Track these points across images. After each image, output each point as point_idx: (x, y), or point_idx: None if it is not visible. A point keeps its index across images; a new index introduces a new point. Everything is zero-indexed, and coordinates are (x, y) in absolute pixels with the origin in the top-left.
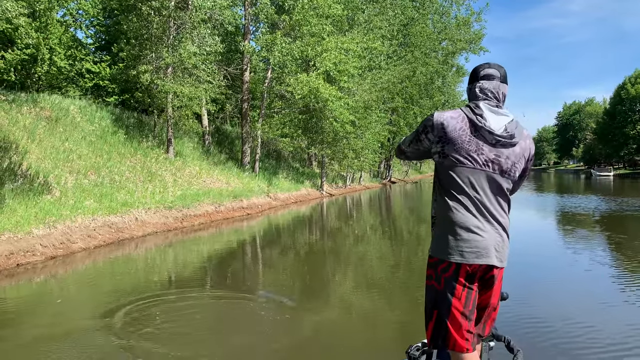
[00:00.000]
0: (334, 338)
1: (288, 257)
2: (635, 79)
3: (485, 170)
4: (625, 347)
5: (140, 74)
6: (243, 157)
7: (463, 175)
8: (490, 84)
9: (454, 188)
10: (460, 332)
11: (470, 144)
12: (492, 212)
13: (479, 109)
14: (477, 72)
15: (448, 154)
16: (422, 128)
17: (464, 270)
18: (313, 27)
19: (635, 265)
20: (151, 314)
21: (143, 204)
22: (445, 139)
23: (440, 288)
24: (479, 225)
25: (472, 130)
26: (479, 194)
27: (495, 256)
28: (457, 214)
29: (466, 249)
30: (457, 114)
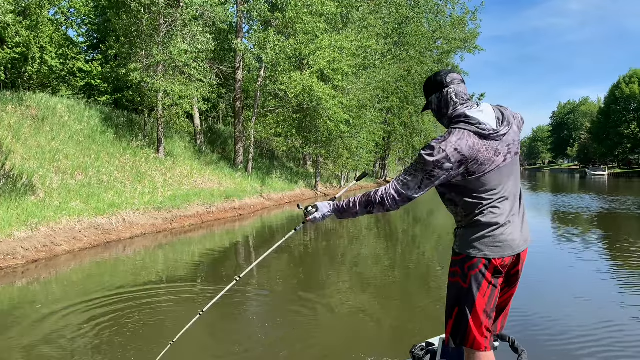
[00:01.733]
0: (335, 338)
1: (282, 258)
2: (630, 78)
3: (507, 162)
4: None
5: (130, 72)
6: (236, 157)
7: (491, 179)
8: (460, 87)
9: (482, 193)
10: (480, 329)
11: (488, 151)
12: (515, 196)
13: (470, 118)
14: (442, 78)
15: (474, 171)
16: (433, 163)
17: (492, 266)
18: (307, 25)
19: (630, 264)
20: (134, 320)
21: (131, 204)
22: (466, 159)
23: (466, 285)
24: (509, 217)
25: (482, 139)
26: (505, 186)
27: (521, 242)
28: (488, 215)
29: (497, 243)
30: (459, 134)
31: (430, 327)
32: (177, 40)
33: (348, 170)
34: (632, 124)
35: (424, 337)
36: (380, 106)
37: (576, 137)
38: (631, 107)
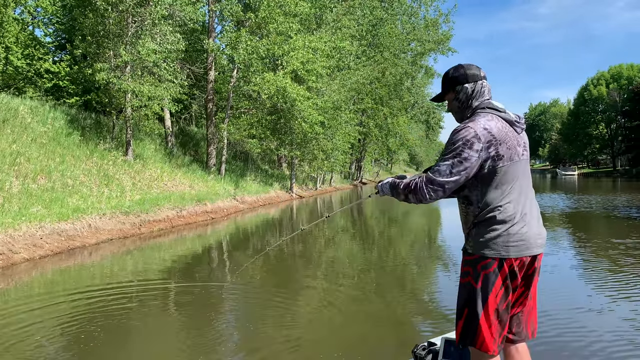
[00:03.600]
0: (336, 338)
1: (261, 261)
2: (597, 80)
3: (523, 158)
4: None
5: (96, 73)
6: (208, 159)
7: (510, 172)
8: (488, 85)
9: (501, 188)
10: (490, 330)
11: (512, 139)
12: (531, 197)
13: (497, 107)
14: (478, 71)
15: (503, 155)
16: (462, 143)
17: (507, 267)
18: (280, 26)
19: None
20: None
21: (97, 209)
22: (496, 140)
23: (478, 286)
24: (525, 218)
25: (509, 126)
26: (522, 183)
27: (537, 244)
28: (505, 212)
29: (513, 243)
30: (488, 117)
31: (432, 327)
32: (146, 40)
33: (324, 171)
34: (600, 124)
35: (425, 337)
36: (355, 108)
37: (547, 138)
38: (599, 109)
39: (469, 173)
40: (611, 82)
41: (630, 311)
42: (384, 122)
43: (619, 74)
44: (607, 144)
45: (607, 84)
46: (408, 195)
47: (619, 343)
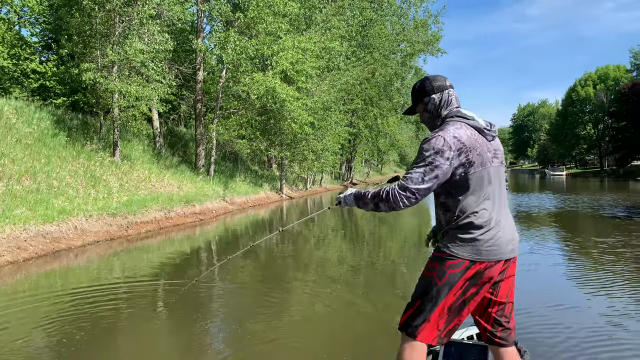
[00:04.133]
0: (337, 338)
1: (250, 262)
2: (585, 81)
3: (494, 165)
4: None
5: (82, 73)
6: (197, 160)
7: (483, 178)
8: (454, 93)
9: (475, 194)
10: (437, 324)
11: (482, 145)
12: (503, 204)
13: (466, 115)
14: (444, 81)
15: (473, 162)
16: (433, 152)
17: (473, 269)
18: (269, 26)
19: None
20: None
21: (84, 211)
22: (466, 147)
23: (440, 282)
24: (498, 223)
25: (478, 133)
26: (495, 189)
27: (509, 250)
28: (478, 217)
29: (485, 248)
30: (457, 125)
31: None
32: (134, 40)
33: (314, 172)
34: (588, 125)
35: None
36: (345, 108)
37: (536, 138)
38: (587, 109)
39: (441, 180)
40: (598, 83)
41: (607, 307)
42: (374, 123)
43: (605, 75)
44: (594, 144)
45: (595, 85)
46: (379, 203)
47: (595, 339)
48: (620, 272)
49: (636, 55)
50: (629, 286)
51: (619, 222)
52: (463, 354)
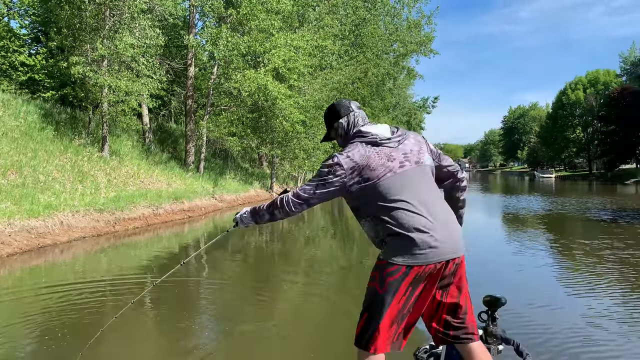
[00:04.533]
0: (336, 340)
1: (240, 259)
2: (575, 85)
3: (405, 169)
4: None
5: (71, 66)
6: (187, 157)
7: (392, 186)
8: (362, 112)
9: (388, 202)
10: (388, 333)
11: (380, 157)
12: (430, 204)
13: (364, 132)
14: (345, 105)
15: (369, 177)
16: (327, 170)
17: (412, 274)
18: (261, 23)
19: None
20: None
21: (70, 206)
22: (359, 166)
23: (381, 291)
24: (427, 224)
25: (375, 146)
26: (413, 193)
27: (449, 249)
28: (403, 223)
29: (419, 251)
30: (352, 146)
31: None
32: (124, 34)
33: (305, 171)
34: (577, 128)
35: (428, 339)
36: None
37: (526, 140)
38: (576, 113)
39: (332, 195)
40: (588, 87)
41: (588, 309)
42: None
43: (595, 79)
44: (583, 147)
45: (585, 88)
46: (274, 211)
47: (574, 339)
48: (602, 274)
49: (626, 60)
50: (610, 288)
51: (605, 225)
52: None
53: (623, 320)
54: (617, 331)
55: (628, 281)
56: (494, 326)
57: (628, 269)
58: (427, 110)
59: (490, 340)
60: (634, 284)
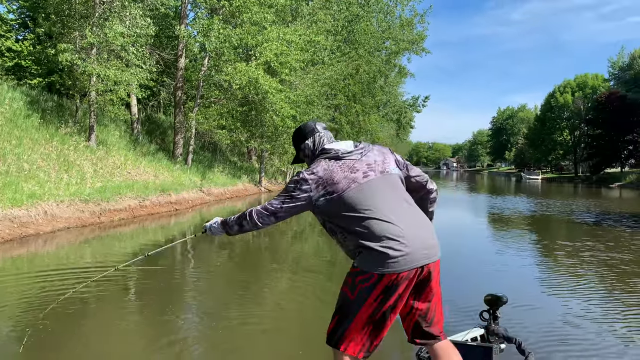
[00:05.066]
0: (322, 333)
1: (227, 253)
2: (564, 88)
3: (370, 179)
4: None
5: (59, 53)
6: (175, 149)
7: (358, 196)
8: (328, 132)
9: (356, 212)
10: (358, 336)
11: (343, 170)
12: (399, 212)
13: (326, 149)
14: (310, 127)
15: (333, 190)
16: (293, 186)
17: (384, 282)
18: (254, 15)
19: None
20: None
21: (55, 196)
22: (323, 180)
23: (352, 297)
24: (397, 232)
25: (337, 160)
26: (381, 202)
27: (422, 255)
28: (372, 232)
29: (390, 260)
30: (316, 163)
31: None
32: (114, 22)
33: (294, 166)
34: (565, 131)
35: None
36: (327, 103)
37: (514, 142)
38: (564, 116)
39: (299, 209)
40: (577, 90)
41: (566, 309)
42: (355, 119)
43: (584, 82)
44: (570, 150)
45: (573, 92)
46: (242, 222)
47: (549, 338)
48: (582, 274)
49: (614, 65)
50: (588, 289)
51: (587, 227)
52: (467, 356)
53: (599, 320)
54: (594, 330)
55: (606, 282)
56: (496, 325)
57: (606, 271)
58: (417, 109)
59: (492, 339)
60: (611, 285)
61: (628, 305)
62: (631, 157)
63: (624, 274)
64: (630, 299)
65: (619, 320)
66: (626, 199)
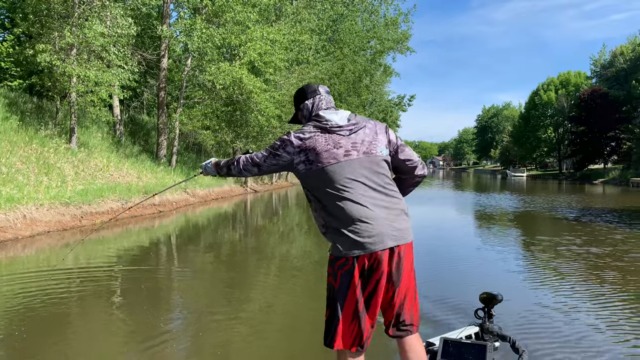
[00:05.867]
0: (308, 330)
1: (213, 253)
2: (548, 85)
3: (351, 158)
4: None
5: (38, 54)
6: (159, 150)
7: (335, 173)
8: (329, 97)
9: (331, 189)
10: (350, 328)
11: (327, 143)
12: (374, 195)
13: (320, 117)
14: (313, 88)
15: (313, 160)
16: (279, 144)
17: (361, 263)
18: (237, 15)
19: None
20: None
21: (34, 199)
22: (305, 146)
23: (337, 285)
24: (368, 214)
25: (324, 132)
26: (356, 183)
27: (391, 237)
28: (343, 211)
29: (360, 239)
30: (305, 128)
31: (431, 327)
32: (94, 22)
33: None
34: (549, 128)
35: (424, 336)
36: None
37: (499, 139)
38: (548, 113)
39: (280, 167)
40: (560, 88)
41: (537, 300)
42: None
43: (567, 80)
44: (554, 147)
45: (557, 89)
46: (230, 166)
47: (522, 328)
48: (554, 267)
49: (596, 62)
50: (563, 281)
51: (566, 222)
52: (461, 353)
53: (568, 311)
54: (562, 319)
55: (578, 274)
56: (491, 323)
57: (579, 264)
58: (403, 108)
59: (486, 337)
60: (583, 277)
61: (623, 302)
62: (613, 154)
63: (606, 268)
64: (629, 298)
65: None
66: (609, 195)
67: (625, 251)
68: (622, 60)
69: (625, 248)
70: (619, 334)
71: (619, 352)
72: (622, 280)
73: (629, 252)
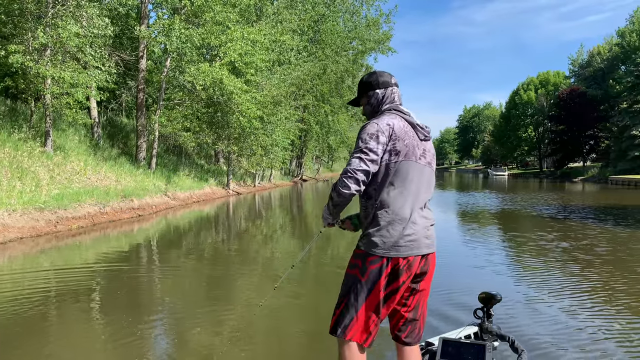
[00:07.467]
0: (295, 331)
1: (196, 256)
2: (527, 85)
3: (421, 163)
4: None
5: (10, 55)
6: (138, 152)
7: (406, 170)
8: (399, 92)
9: (397, 183)
10: (367, 324)
11: (413, 139)
12: (424, 202)
13: (403, 110)
14: (390, 78)
15: (400, 150)
16: (369, 138)
17: (393, 265)
18: (217, 15)
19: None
20: None
21: (6, 204)
22: (396, 135)
23: (363, 279)
24: (416, 219)
25: (411, 127)
26: (417, 186)
27: (425, 244)
28: (400, 210)
29: (401, 243)
30: (392, 115)
31: (430, 327)
32: (68, 22)
33: (262, 167)
34: (529, 128)
35: (423, 336)
36: (295, 104)
37: (480, 139)
38: (528, 112)
39: (377, 163)
40: (539, 87)
41: (510, 295)
42: (324, 120)
43: (546, 80)
44: (534, 146)
45: (536, 89)
46: (332, 194)
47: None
48: (525, 261)
49: (574, 62)
50: (537, 276)
51: (543, 220)
52: (460, 353)
53: (535, 303)
54: (547, 313)
55: (545, 268)
56: (490, 323)
57: (549, 258)
58: None
59: (485, 337)
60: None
61: (625, 306)
62: (592, 152)
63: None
64: (626, 298)
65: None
66: (588, 192)
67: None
68: (599, 60)
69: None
70: (619, 334)
71: (619, 352)
72: (623, 280)
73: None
